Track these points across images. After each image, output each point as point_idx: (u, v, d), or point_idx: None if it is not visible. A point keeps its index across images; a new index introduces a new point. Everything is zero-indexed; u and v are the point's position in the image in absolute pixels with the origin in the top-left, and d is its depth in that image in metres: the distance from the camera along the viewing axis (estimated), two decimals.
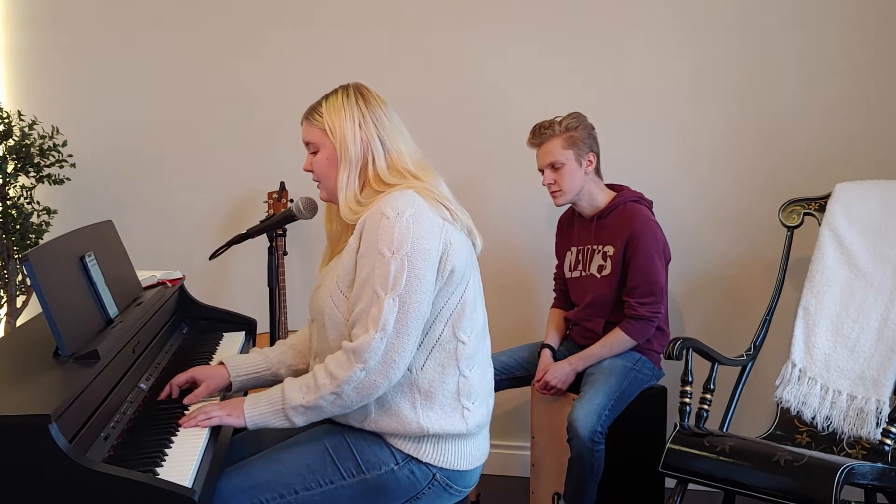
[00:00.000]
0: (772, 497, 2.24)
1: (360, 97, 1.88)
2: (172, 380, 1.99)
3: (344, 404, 1.75)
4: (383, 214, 1.75)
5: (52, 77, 3.60)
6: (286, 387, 1.79)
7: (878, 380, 2.54)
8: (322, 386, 1.74)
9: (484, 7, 3.31)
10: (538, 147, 2.84)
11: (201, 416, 1.78)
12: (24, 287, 3.42)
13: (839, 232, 2.75)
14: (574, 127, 2.80)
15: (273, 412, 1.78)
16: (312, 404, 1.75)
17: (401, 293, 1.71)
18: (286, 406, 1.77)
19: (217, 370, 2.01)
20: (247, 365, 2.04)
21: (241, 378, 2.02)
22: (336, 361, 1.75)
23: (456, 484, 1.85)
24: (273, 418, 1.79)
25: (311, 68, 3.41)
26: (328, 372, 1.75)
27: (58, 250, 1.88)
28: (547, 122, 2.83)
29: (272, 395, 1.80)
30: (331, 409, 1.77)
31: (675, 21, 3.20)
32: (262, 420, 1.79)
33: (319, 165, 1.90)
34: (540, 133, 2.83)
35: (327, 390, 1.73)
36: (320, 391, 1.74)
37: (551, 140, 2.80)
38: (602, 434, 2.58)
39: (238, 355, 2.11)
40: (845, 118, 3.13)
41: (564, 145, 2.79)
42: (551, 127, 2.81)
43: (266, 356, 2.07)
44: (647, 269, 2.74)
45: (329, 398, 1.74)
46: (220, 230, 3.53)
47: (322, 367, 1.77)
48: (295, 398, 1.76)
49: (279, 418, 1.78)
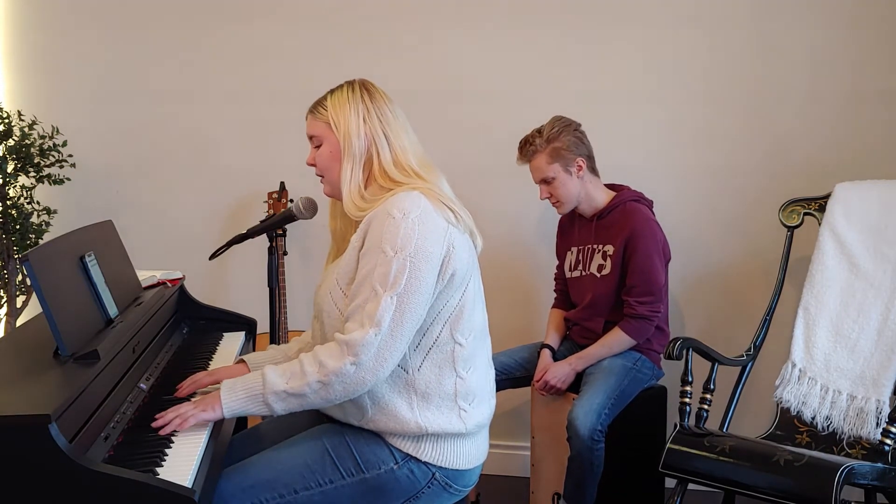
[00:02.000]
0: (772, 497, 2.24)
1: (365, 92, 1.88)
2: (196, 380, 1.96)
3: (328, 396, 1.72)
4: (389, 214, 1.74)
5: (52, 77, 3.60)
6: (267, 372, 1.75)
7: (878, 380, 2.54)
8: (308, 373, 1.71)
9: (484, 7, 3.31)
10: (526, 164, 2.85)
11: (176, 420, 1.73)
12: (24, 287, 3.42)
13: (839, 232, 2.75)
14: (556, 136, 2.77)
15: (250, 398, 1.74)
16: (296, 391, 1.72)
17: (399, 292, 1.71)
18: (266, 391, 1.73)
19: (238, 369, 2.01)
20: (266, 361, 2.03)
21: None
22: (327, 351, 1.73)
23: (455, 483, 1.85)
24: (251, 405, 1.74)
25: (312, 68, 3.40)
26: (317, 360, 1.72)
27: (58, 250, 1.88)
28: (529, 136, 2.81)
29: (249, 380, 1.77)
30: (313, 399, 1.73)
31: (677, 22, 3.20)
32: (240, 407, 1.75)
33: (322, 159, 1.89)
34: (524, 150, 2.82)
35: (314, 378, 1.71)
36: (307, 378, 1.71)
37: (536, 156, 2.80)
38: (602, 433, 2.58)
39: (257, 353, 2.10)
40: (846, 118, 3.13)
41: (549, 160, 2.78)
42: (533, 142, 2.79)
43: (284, 353, 2.06)
44: (647, 268, 2.74)
45: (315, 386, 1.71)
46: (220, 230, 3.53)
47: (310, 356, 1.74)
48: (277, 384, 1.73)
49: (257, 404, 1.74)
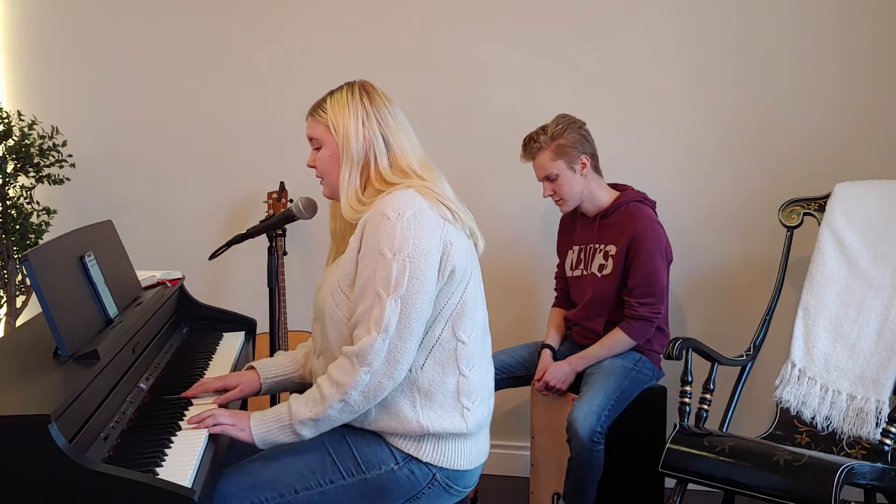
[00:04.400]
0: (771, 497, 2.24)
1: (364, 94, 1.88)
2: (205, 383, 1.97)
3: (352, 410, 1.75)
4: (384, 215, 1.74)
5: (52, 77, 3.60)
6: (292, 403, 1.78)
7: (878, 380, 2.54)
8: (328, 396, 1.73)
9: (484, 7, 3.31)
10: (530, 161, 2.85)
11: (210, 420, 1.77)
12: (24, 287, 3.42)
13: (839, 232, 2.75)
14: (561, 133, 2.78)
15: (280, 428, 1.77)
16: (321, 416, 1.74)
17: (403, 294, 1.71)
18: (293, 421, 1.75)
19: (248, 375, 2.02)
20: (276, 367, 2.04)
21: (271, 380, 2.03)
22: (339, 368, 1.74)
23: (456, 484, 1.85)
24: (280, 434, 1.77)
25: (312, 68, 3.40)
26: (333, 381, 1.74)
27: (58, 250, 1.88)
28: (534, 133, 2.82)
29: (279, 411, 1.79)
30: (339, 418, 1.76)
31: (676, 21, 3.20)
32: (270, 436, 1.77)
33: (322, 162, 1.90)
34: (528, 147, 2.83)
35: (334, 399, 1.73)
36: (327, 401, 1.73)
37: (540, 153, 2.80)
38: (602, 434, 2.58)
39: (266, 359, 2.10)
40: (845, 118, 3.13)
41: (553, 156, 2.78)
42: (538, 139, 2.80)
43: (293, 359, 2.07)
44: (649, 269, 2.74)
45: (337, 406, 1.73)
46: (220, 230, 3.53)
47: (325, 378, 1.76)
48: (302, 413, 1.75)
49: (287, 434, 1.77)
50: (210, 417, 1.77)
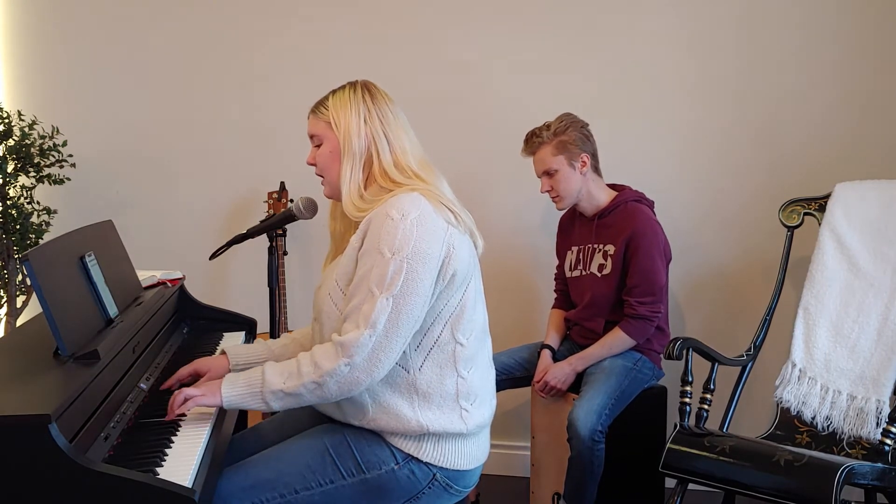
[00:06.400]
0: (772, 497, 2.24)
1: (366, 93, 1.89)
2: (177, 372, 1.99)
3: (323, 395, 1.74)
4: (388, 215, 1.75)
5: (52, 77, 3.60)
6: (267, 370, 1.78)
7: (878, 380, 2.54)
8: (305, 374, 1.73)
9: (484, 6, 3.31)
10: (531, 156, 2.86)
11: (179, 399, 1.77)
12: (24, 287, 3.42)
13: (839, 232, 2.75)
14: (563, 130, 2.79)
15: (250, 394, 1.76)
16: (292, 391, 1.74)
17: (395, 294, 1.71)
18: (265, 389, 1.75)
19: (219, 360, 2.03)
20: (247, 354, 2.04)
21: (241, 366, 2.01)
22: (323, 352, 1.74)
23: (456, 484, 1.85)
24: (250, 400, 1.77)
25: (312, 68, 3.40)
26: (313, 361, 1.74)
27: (58, 250, 1.88)
28: (537, 129, 2.84)
29: (251, 376, 1.79)
30: (309, 398, 1.75)
31: (676, 21, 3.20)
32: (239, 400, 1.77)
33: (322, 159, 1.90)
34: (531, 142, 2.84)
35: (309, 378, 1.72)
36: (302, 378, 1.73)
37: (542, 148, 2.81)
38: (602, 434, 2.58)
39: (240, 345, 2.11)
40: (845, 118, 3.13)
41: (555, 152, 2.79)
42: (540, 134, 2.81)
43: (268, 347, 2.07)
44: (648, 268, 2.74)
45: (310, 386, 1.73)
46: (220, 230, 3.53)
47: (307, 355, 1.76)
48: (275, 382, 1.75)
49: (256, 400, 1.76)
50: (179, 396, 1.77)
